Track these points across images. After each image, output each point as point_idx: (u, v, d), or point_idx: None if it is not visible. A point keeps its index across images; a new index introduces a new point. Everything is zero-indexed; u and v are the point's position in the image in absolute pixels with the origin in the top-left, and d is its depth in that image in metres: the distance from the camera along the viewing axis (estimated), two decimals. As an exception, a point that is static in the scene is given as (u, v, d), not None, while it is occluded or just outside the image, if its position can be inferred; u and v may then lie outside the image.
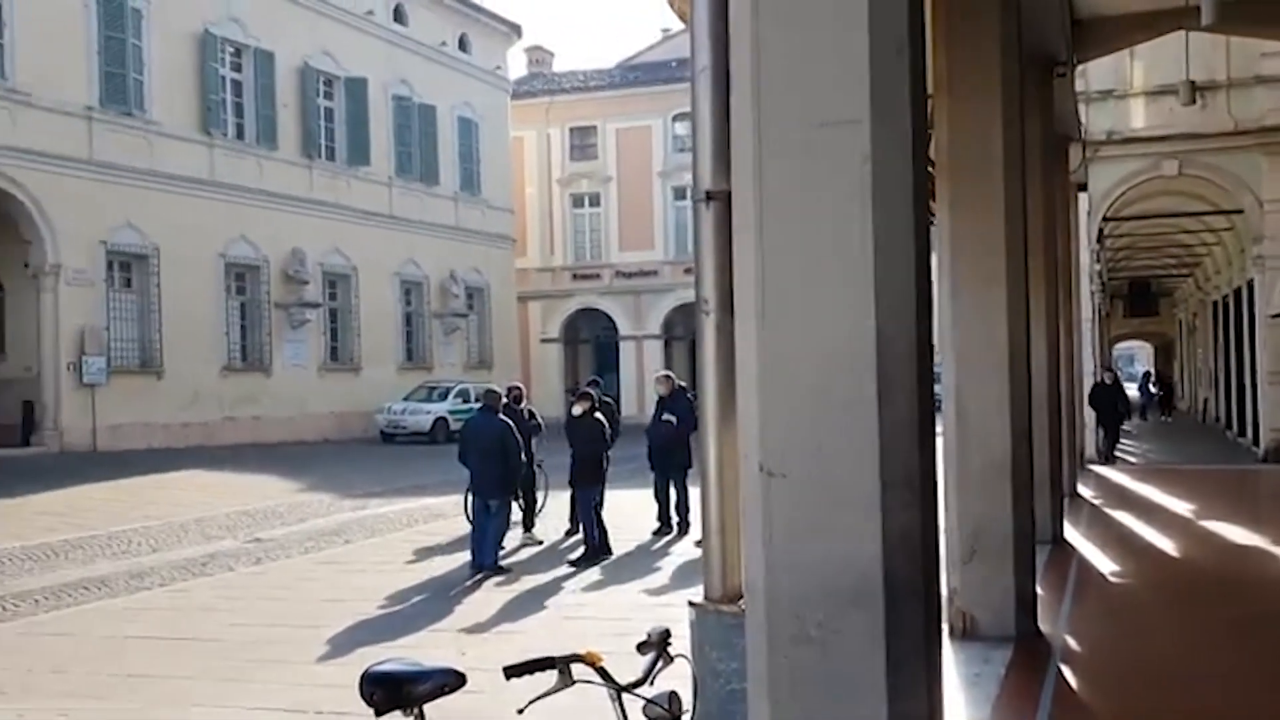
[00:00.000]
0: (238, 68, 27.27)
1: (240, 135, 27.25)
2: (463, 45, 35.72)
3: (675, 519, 13.34)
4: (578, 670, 2.73)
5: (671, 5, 4.62)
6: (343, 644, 8.19)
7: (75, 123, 22.86)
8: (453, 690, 2.86)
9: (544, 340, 40.91)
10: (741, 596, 3.55)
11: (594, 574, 11.05)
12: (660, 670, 2.85)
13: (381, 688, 2.75)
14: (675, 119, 40.26)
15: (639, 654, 2.87)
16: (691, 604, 3.86)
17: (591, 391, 12.77)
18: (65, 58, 22.59)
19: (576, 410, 12.26)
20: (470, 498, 11.77)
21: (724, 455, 3.78)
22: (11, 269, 22.76)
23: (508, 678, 2.75)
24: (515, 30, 38.93)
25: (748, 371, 3.06)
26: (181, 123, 25.37)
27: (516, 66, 42.20)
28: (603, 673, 2.76)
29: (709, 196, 3.74)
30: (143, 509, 15.62)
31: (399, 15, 32.79)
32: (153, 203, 24.35)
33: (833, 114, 2.94)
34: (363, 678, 2.79)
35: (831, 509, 2.94)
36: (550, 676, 2.75)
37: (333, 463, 23.08)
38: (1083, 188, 17.71)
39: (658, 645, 2.84)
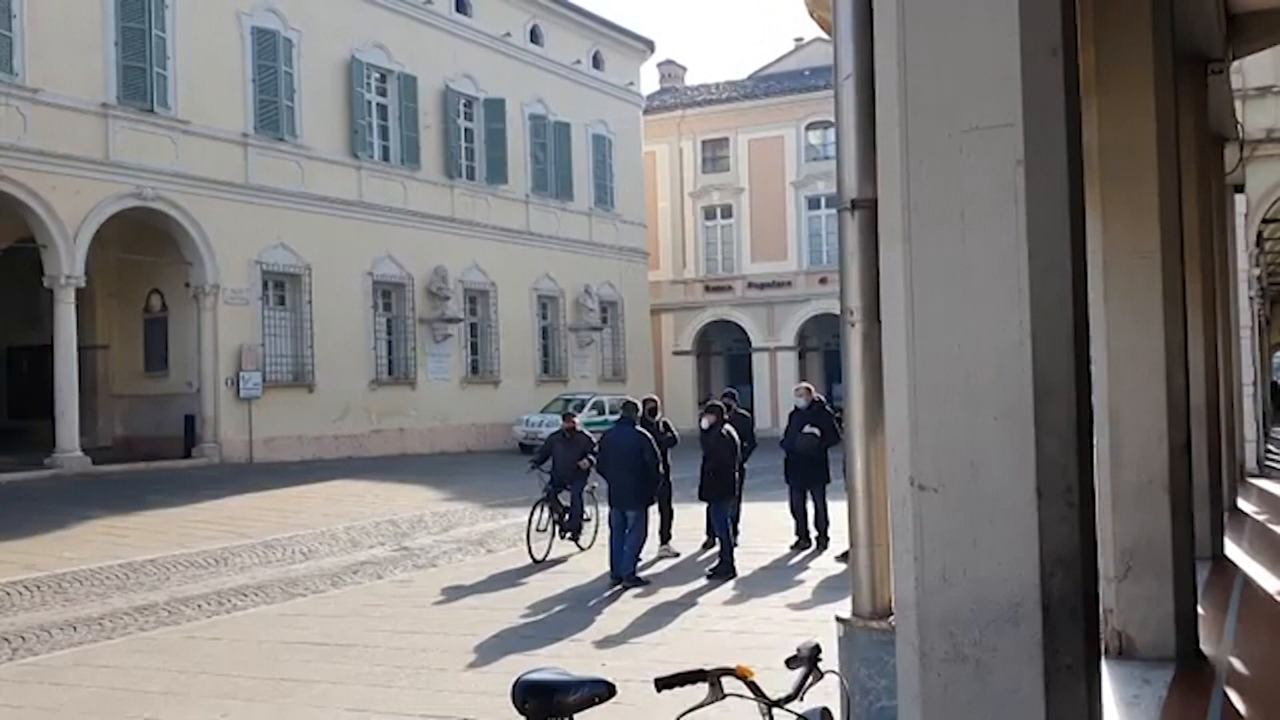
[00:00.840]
0: (383, 92, 28.23)
1: (386, 157, 28.19)
2: (596, 63, 36.21)
3: (814, 533, 13.20)
4: (728, 684, 2.72)
5: (811, 14, 4.58)
6: (488, 652, 8.35)
7: (232, 149, 24.02)
8: (603, 701, 2.89)
9: (676, 353, 41.02)
10: (891, 612, 3.49)
11: (731, 587, 11.01)
12: (811, 686, 2.82)
13: (534, 697, 2.79)
14: (808, 128, 39.96)
15: (788, 669, 2.85)
16: (839, 619, 3.81)
17: (720, 404, 12.72)
18: (222, 88, 23.76)
19: (705, 423, 12.25)
20: (610, 510, 11.81)
21: (872, 468, 3.72)
22: (174, 289, 24.01)
23: (658, 689, 2.75)
24: (648, 46, 39.27)
25: (896, 382, 3.01)
26: (330, 147, 26.40)
27: (649, 81, 42.60)
28: (754, 687, 2.74)
29: (854, 205, 3.69)
30: (296, 518, 16.25)
31: (535, 36, 33.45)
32: (304, 224, 25.40)
33: (983, 118, 2.88)
34: (515, 686, 2.84)
35: (985, 523, 2.87)
36: (700, 690, 2.74)
37: (474, 473, 23.59)
38: (1240, 189, 16.85)
39: (808, 661, 2.81)
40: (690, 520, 13.45)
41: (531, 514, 12.88)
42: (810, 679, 2.80)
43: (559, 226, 34.04)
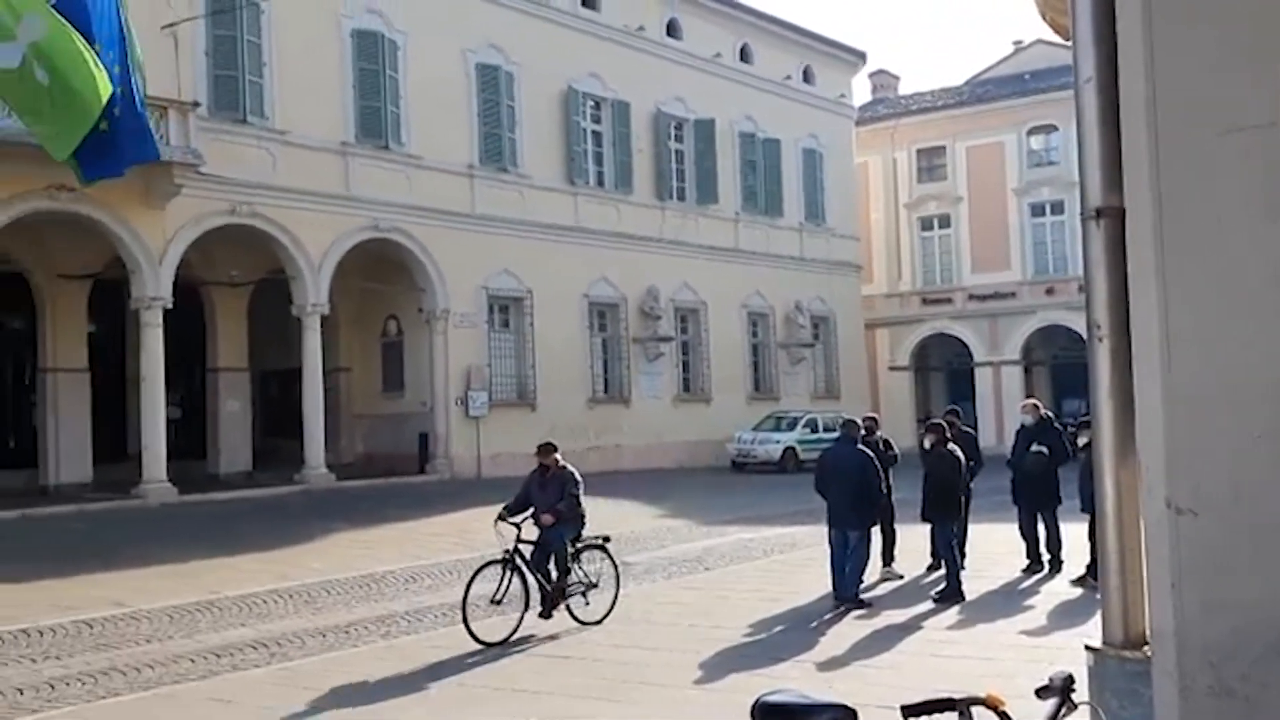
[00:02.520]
0: (597, 119, 29.01)
1: (600, 183, 28.95)
2: (807, 77, 36.02)
3: (1046, 556, 12.62)
4: (978, 714, 2.64)
5: (1043, 17, 4.41)
6: (713, 669, 8.39)
7: (459, 181, 25.22)
8: (842, 726, 2.85)
9: (893, 368, 40.12)
10: (1146, 642, 3.30)
11: (958, 611, 10.65)
12: (1063, 718, 2.70)
13: (775, 718, 2.78)
14: (1030, 133, 38.44)
15: (1039, 699, 2.74)
16: (1089, 648, 3.62)
17: (943, 422, 12.33)
18: (450, 123, 25.01)
19: (928, 442, 11.89)
20: (830, 530, 11.67)
21: (1122, 489, 3.52)
22: (408, 314, 25.40)
23: (905, 717, 2.69)
24: (860, 58, 38.77)
25: (1149, 400, 2.86)
26: (549, 174, 27.33)
27: (861, 92, 41.99)
28: (1005, 717, 2.65)
29: (1099, 213, 3.51)
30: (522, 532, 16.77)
31: (745, 55, 33.61)
32: (525, 249, 26.37)
33: (1242, 118, 2.71)
34: (755, 707, 2.83)
35: (1252, 550, 2.68)
36: (949, 719, 2.67)
37: (688, 490, 23.77)
38: None
39: (1061, 691, 2.70)
40: (913, 541, 13.10)
41: (472, 581, 9.58)
42: (1063, 710, 2.69)
43: (769, 243, 33.99)
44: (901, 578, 12.50)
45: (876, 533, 11.83)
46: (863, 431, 11.99)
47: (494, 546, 14.40)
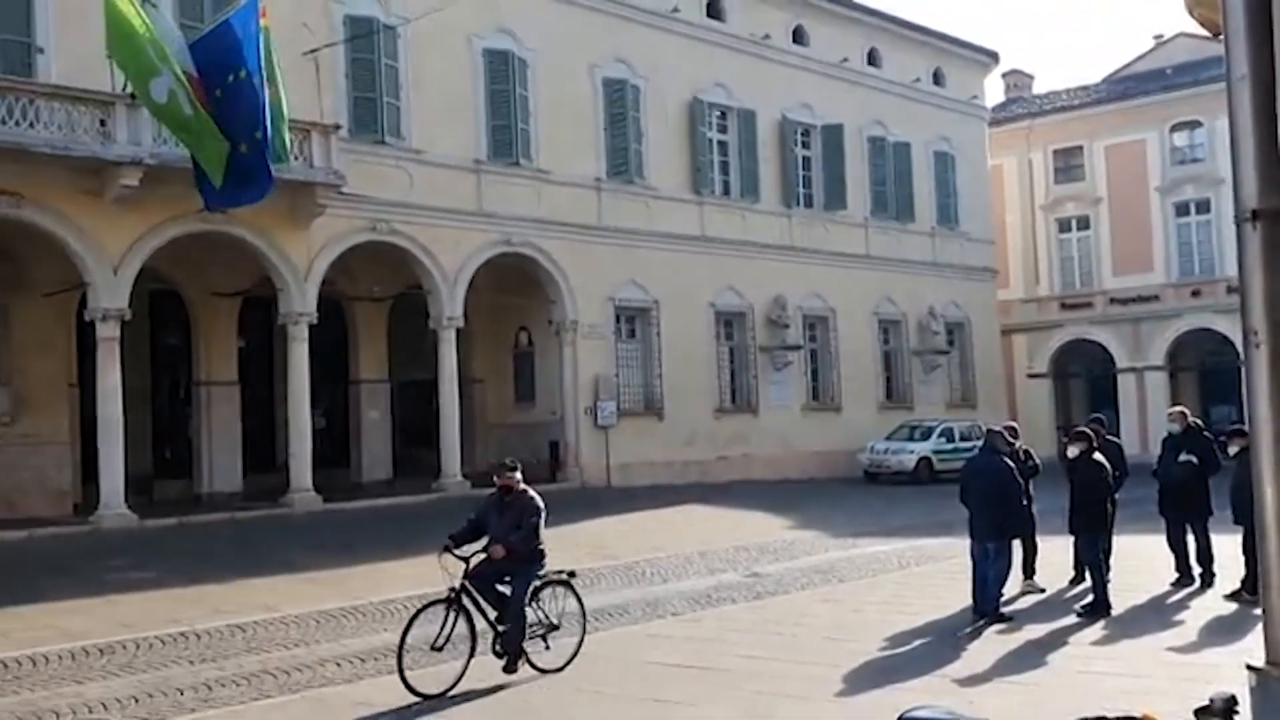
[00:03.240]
0: (723, 129, 29.03)
1: (726, 192, 28.95)
2: (937, 79, 35.35)
3: (1196, 569, 12.10)
4: (1134, 732, 2.58)
5: (1191, 13, 4.27)
6: (853, 683, 8.30)
7: (587, 194, 25.56)
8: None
9: (1031, 375, 38.93)
10: (1314, 662, 3.14)
11: (1102, 626, 10.30)
12: (1226, 740, 2.61)
13: (922, 733, 2.76)
14: (1173, 130, 36.92)
15: (1197, 720, 2.65)
16: (1251, 668, 3.48)
17: (1088, 430, 11.92)
18: (577, 137, 25.37)
19: (1072, 451, 11.51)
20: (971, 543, 11.39)
21: (1285, 502, 3.37)
22: (539, 326, 25.85)
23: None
24: (992, 58, 37.86)
25: (1313, 408, 2.74)
26: (675, 185, 27.47)
27: (994, 93, 40.98)
28: (1162, 737, 2.58)
29: (1255, 215, 3.39)
30: (652, 541, 16.91)
31: (873, 59, 33.20)
32: (652, 260, 26.56)
33: None
34: (902, 722, 2.82)
35: None
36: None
37: (819, 501, 23.53)
38: None
39: (1223, 713, 2.61)
40: (1053, 554, 12.71)
41: (410, 624, 8.41)
42: (1226, 732, 2.59)
43: (900, 248, 33.43)
44: (1043, 591, 12.15)
45: (1017, 545, 11.52)
46: (1007, 442, 11.64)
47: (630, 555, 14.28)
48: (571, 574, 9.26)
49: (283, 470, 21.47)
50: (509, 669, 8.59)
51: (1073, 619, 10.60)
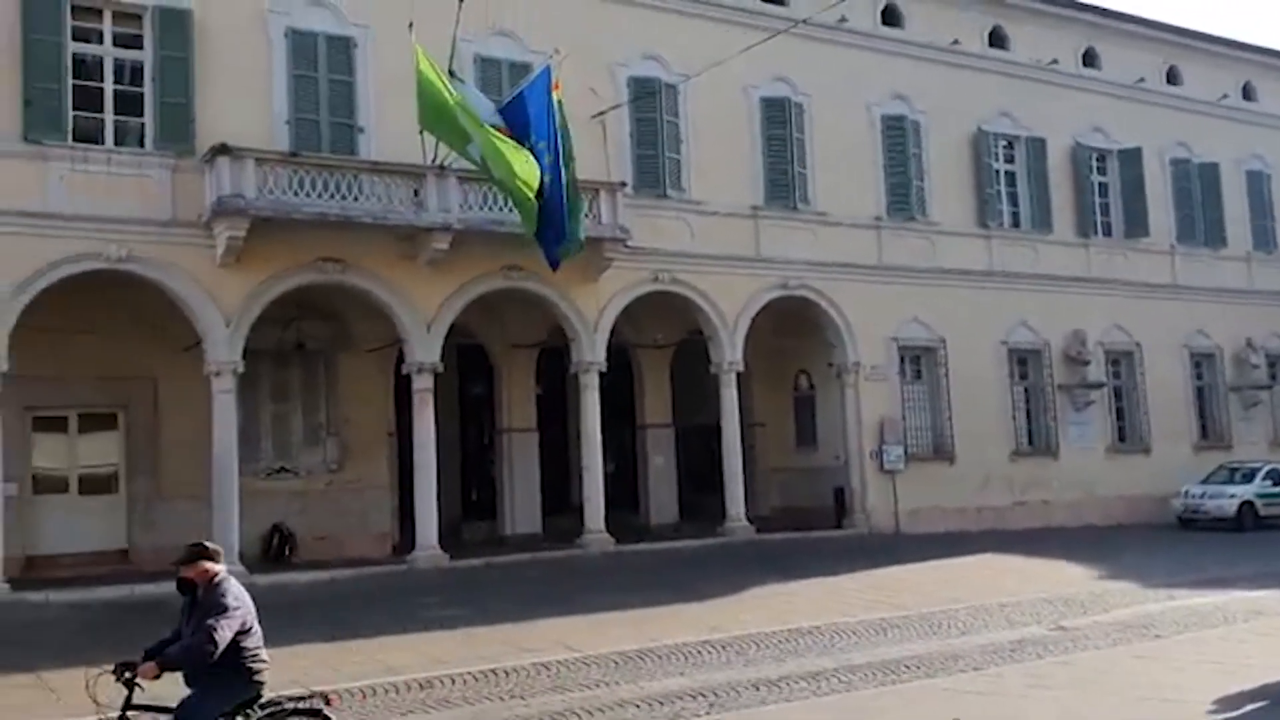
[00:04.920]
0: (1010, 159, 28.01)
1: (1015, 223, 27.85)
2: (1247, 94, 32.64)
3: None
4: None
5: None
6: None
7: (865, 234, 25.29)
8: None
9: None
10: None
11: None
12: None
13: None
14: None
15: None
16: None
17: None
18: (855, 177, 25.18)
19: None
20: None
21: None
22: (818, 368, 25.72)
23: None
24: (1311, 65, 34.54)
25: None
26: (959, 219, 26.70)
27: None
28: None
29: None
30: (947, 591, 16.33)
31: (1172, 77, 31.12)
32: (936, 298, 25.87)
33: None
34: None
35: None
36: None
37: (1128, 549, 22.00)
38: None
39: None
40: None
41: None
42: None
43: (1211, 276, 30.93)
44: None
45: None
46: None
47: (924, 605, 13.83)
48: (326, 700, 6.54)
49: (577, 512, 22.37)
50: None
51: None
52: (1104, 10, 29.82)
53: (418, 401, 19.76)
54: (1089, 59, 29.57)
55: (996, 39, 28.04)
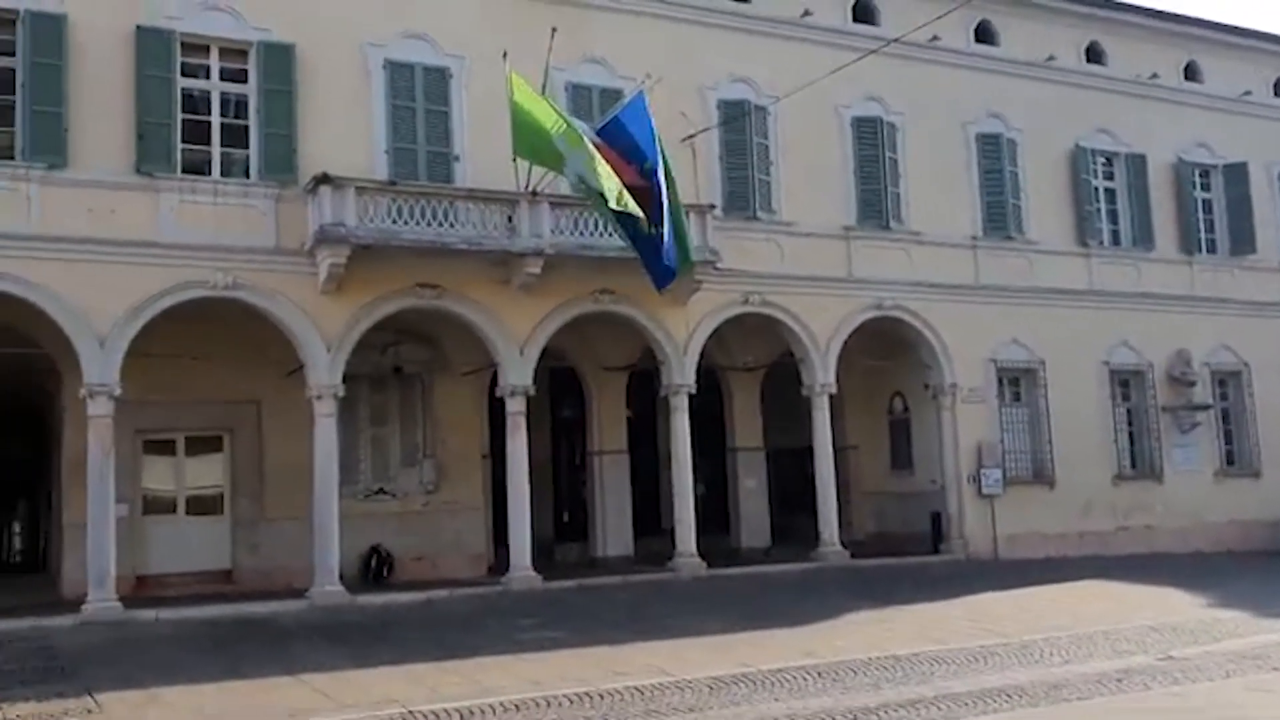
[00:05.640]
0: (1109, 175, 27.38)
1: (1115, 241, 27.19)
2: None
3: None
4: None
5: None
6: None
7: (961, 253, 24.90)
8: None
9: None
10: None
11: None
12: None
13: None
14: None
15: None
16: None
17: None
18: (950, 197, 24.85)
19: None
20: None
21: None
22: (914, 390, 25.35)
23: None
24: None
25: None
26: (1057, 238, 26.15)
27: None
28: None
29: None
30: (1048, 618, 15.90)
31: (1279, 89, 30.15)
32: (1035, 318, 25.35)
33: None
34: None
35: None
36: None
37: (1240, 576, 21.22)
38: None
39: None
40: None
41: None
42: None
43: (1328, 293, 29.78)
44: None
45: None
46: None
47: (1024, 633, 13.56)
48: None
49: (667, 535, 22.36)
50: None
51: None
52: (1205, 22, 29.03)
53: (511, 424, 19.98)
54: (1190, 73, 28.79)
55: (1094, 54, 27.47)
